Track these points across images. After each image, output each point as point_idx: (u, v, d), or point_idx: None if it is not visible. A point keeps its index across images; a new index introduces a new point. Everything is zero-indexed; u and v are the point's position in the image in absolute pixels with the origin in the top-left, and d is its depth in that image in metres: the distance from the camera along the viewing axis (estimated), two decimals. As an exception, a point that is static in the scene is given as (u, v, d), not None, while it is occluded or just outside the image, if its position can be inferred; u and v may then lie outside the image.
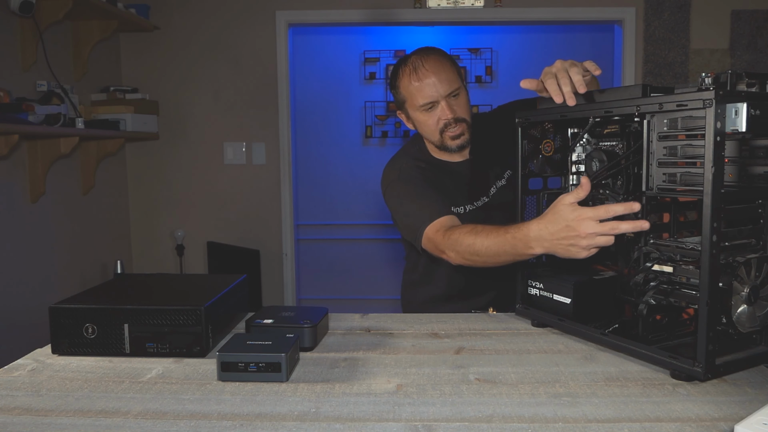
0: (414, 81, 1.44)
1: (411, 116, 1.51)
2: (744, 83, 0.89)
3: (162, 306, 1.03)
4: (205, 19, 3.49)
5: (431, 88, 1.43)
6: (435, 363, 1.00)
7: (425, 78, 1.43)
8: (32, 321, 2.52)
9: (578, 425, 0.76)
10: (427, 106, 1.45)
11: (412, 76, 1.45)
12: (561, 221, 1.01)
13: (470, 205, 1.53)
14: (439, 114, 1.45)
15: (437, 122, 1.46)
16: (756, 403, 0.82)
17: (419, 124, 1.50)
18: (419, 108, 1.46)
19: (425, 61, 1.45)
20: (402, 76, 1.48)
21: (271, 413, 0.81)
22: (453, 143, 1.48)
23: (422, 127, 1.50)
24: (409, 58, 1.48)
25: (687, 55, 3.39)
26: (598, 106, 1.04)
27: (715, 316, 0.86)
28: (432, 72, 1.43)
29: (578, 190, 1.00)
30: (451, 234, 1.27)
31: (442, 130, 1.47)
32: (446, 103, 1.44)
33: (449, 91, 1.44)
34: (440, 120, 1.45)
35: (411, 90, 1.45)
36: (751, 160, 0.98)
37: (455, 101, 1.46)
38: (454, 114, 1.45)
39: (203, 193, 3.60)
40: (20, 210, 2.63)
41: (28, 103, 2.45)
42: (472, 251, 1.21)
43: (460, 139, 1.48)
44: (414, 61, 1.46)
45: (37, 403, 0.85)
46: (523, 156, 1.20)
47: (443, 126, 1.46)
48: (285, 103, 3.52)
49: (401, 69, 1.49)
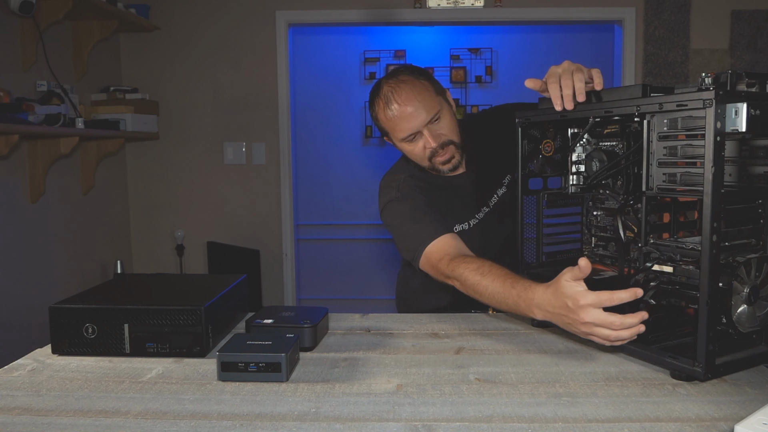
0: (390, 115, 1.36)
1: (396, 145, 1.45)
2: (744, 83, 0.89)
3: (162, 306, 1.03)
4: (205, 19, 3.49)
5: (409, 120, 1.35)
6: (435, 363, 1.00)
7: (401, 111, 1.35)
8: (32, 321, 2.52)
9: (578, 425, 0.76)
10: (409, 138, 1.38)
11: (386, 110, 1.37)
12: (562, 298, 0.95)
13: (473, 219, 1.49)
14: (423, 143, 1.38)
15: (423, 150, 1.39)
16: (756, 403, 0.82)
17: (406, 152, 1.44)
18: (402, 140, 1.39)
19: (397, 93, 1.35)
20: (377, 109, 1.40)
21: (271, 413, 0.81)
22: (444, 167, 1.42)
23: (410, 155, 1.44)
24: (380, 89, 1.39)
25: (687, 55, 3.39)
26: (598, 106, 1.04)
27: (715, 316, 0.86)
28: (407, 102, 1.35)
29: (577, 270, 0.93)
30: (457, 267, 1.21)
31: (431, 157, 1.40)
32: (428, 132, 1.36)
33: (429, 118, 1.35)
34: (426, 149, 1.39)
35: (389, 124, 1.38)
36: (751, 160, 0.98)
37: (438, 126, 1.38)
38: (439, 141, 1.37)
39: (203, 193, 3.60)
40: (20, 210, 2.63)
41: (28, 103, 2.45)
42: (475, 291, 1.17)
43: (450, 163, 1.42)
44: (386, 93, 1.37)
45: (37, 403, 0.85)
46: (523, 156, 1.20)
47: (430, 154, 1.39)
48: (285, 103, 3.52)
49: (376, 101, 1.40)
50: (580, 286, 0.93)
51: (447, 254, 1.25)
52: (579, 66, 1.11)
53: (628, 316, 0.90)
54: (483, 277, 1.15)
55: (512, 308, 1.10)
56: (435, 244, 1.28)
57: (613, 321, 0.90)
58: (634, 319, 0.89)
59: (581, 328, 0.94)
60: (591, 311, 0.91)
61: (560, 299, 0.96)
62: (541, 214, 1.24)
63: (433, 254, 1.28)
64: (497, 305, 1.14)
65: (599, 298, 0.90)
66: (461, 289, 1.22)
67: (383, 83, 1.40)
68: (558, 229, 1.27)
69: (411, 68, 1.43)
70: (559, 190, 1.23)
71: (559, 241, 1.26)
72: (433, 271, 1.29)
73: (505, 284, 1.10)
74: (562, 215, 1.26)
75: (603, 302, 0.90)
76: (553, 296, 0.97)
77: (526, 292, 1.04)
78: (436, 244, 1.28)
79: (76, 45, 3.05)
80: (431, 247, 1.29)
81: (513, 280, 1.10)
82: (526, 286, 1.05)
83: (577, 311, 0.92)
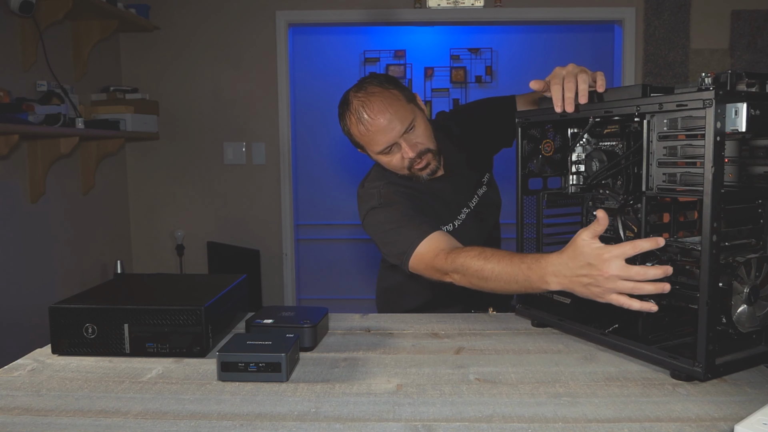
0: (363, 130, 1.34)
1: (372, 157, 1.43)
2: (744, 83, 0.89)
3: (162, 306, 1.03)
4: (205, 19, 3.48)
5: (384, 133, 1.32)
6: (435, 363, 1.00)
7: (374, 124, 1.32)
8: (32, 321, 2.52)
9: (578, 425, 0.76)
10: (385, 151, 1.35)
11: (359, 126, 1.34)
12: (582, 258, 0.93)
13: (456, 220, 1.49)
14: (401, 154, 1.36)
15: (402, 161, 1.37)
16: (756, 403, 0.82)
17: (384, 164, 1.41)
18: (378, 153, 1.37)
19: (368, 106, 1.32)
20: (349, 122, 1.37)
21: (271, 413, 0.81)
22: (424, 173, 1.40)
23: (388, 166, 1.41)
24: (350, 103, 1.36)
25: (687, 55, 3.39)
26: (598, 106, 1.04)
27: (715, 316, 0.86)
28: (379, 115, 1.31)
29: (595, 225, 0.92)
30: (457, 257, 1.17)
31: (410, 166, 1.38)
32: (405, 142, 1.34)
33: (404, 128, 1.32)
34: (404, 159, 1.36)
35: (364, 139, 1.36)
36: (751, 160, 0.98)
37: (414, 135, 1.35)
38: (416, 150, 1.35)
39: (203, 193, 3.60)
40: (20, 210, 2.63)
41: (28, 103, 2.45)
42: (480, 276, 1.12)
43: (428, 169, 1.39)
44: (356, 108, 1.34)
45: (37, 403, 0.85)
46: (523, 156, 1.20)
47: (409, 164, 1.37)
48: (285, 103, 3.52)
49: (347, 116, 1.37)
50: (599, 243, 0.92)
51: (442, 250, 1.21)
52: (583, 69, 1.11)
53: (651, 268, 0.88)
54: (486, 261, 1.11)
55: (522, 285, 1.05)
56: (425, 244, 1.25)
57: (638, 271, 0.88)
58: (658, 270, 0.87)
59: (606, 284, 0.91)
60: (615, 263, 0.89)
61: (579, 260, 0.93)
62: (541, 214, 1.24)
63: (425, 253, 1.24)
64: (506, 286, 1.09)
65: (622, 249, 0.89)
66: (462, 282, 1.17)
67: (351, 97, 1.36)
68: (558, 229, 1.27)
69: (379, 77, 1.39)
70: (559, 190, 1.23)
71: (559, 241, 1.26)
72: (427, 270, 1.25)
73: (513, 261, 1.07)
74: (562, 215, 1.26)
75: (626, 252, 0.89)
76: (570, 259, 0.95)
77: (537, 263, 1.01)
78: (427, 243, 1.25)
79: (76, 45, 3.05)
80: (422, 247, 1.25)
81: (520, 257, 1.07)
82: (536, 258, 1.03)
83: (601, 266, 0.90)
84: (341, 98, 1.41)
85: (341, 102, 1.40)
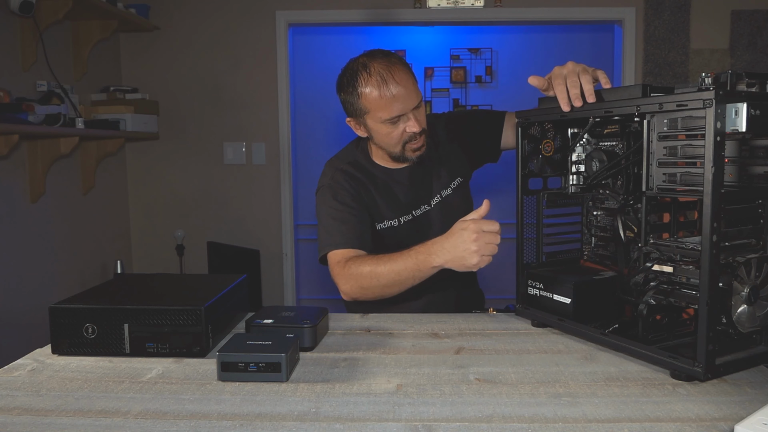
0: (385, 93, 1.35)
1: (369, 126, 1.43)
2: (744, 83, 0.89)
3: (162, 306, 1.03)
4: (205, 19, 3.49)
5: (401, 102, 1.35)
6: (435, 363, 1.00)
7: (398, 91, 1.35)
8: (32, 321, 2.52)
9: (578, 425, 0.76)
10: (393, 120, 1.37)
11: (381, 87, 1.35)
12: (456, 230, 1.17)
13: (408, 215, 1.50)
14: (405, 127, 1.38)
15: (401, 134, 1.40)
16: (756, 403, 0.82)
17: (379, 135, 1.42)
18: (384, 121, 1.38)
19: (394, 72, 1.35)
20: (366, 84, 1.37)
21: (271, 413, 0.81)
22: (414, 155, 1.44)
23: (383, 138, 1.42)
24: (371, 65, 1.37)
25: (687, 55, 3.39)
26: (598, 106, 1.04)
27: (715, 316, 0.86)
28: (402, 84, 1.35)
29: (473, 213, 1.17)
30: (351, 265, 1.32)
31: (406, 142, 1.41)
32: (413, 116, 1.38)
33: (416, 103, 1.38)
34: (405, 133, 1.39)
35: (379, 102, 1.36)
36: (751, 160, 0.98)
37: (419, 113, 1.40)
38: (421, 126, 1.39)
39: (203, 193, 3.60)
40: (20, 210, 2.63)
41: (28, 103, 2.45)
42: (372, 275, 1.28)
43: (420, 151, 1.44)
44: (381, 71, 1.36)
45: (37, 403, 0.85)
46: (523, 156, 1.20)
47: (408, 138, 1.40)
48: (285, 103, 3.52)
49: (363, 76, 1.37)
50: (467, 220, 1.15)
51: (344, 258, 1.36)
52: (584, 66, 1.12)
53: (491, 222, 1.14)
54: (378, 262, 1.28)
55: (411, 268, 1.24)
56: (339, 253, 1.38)
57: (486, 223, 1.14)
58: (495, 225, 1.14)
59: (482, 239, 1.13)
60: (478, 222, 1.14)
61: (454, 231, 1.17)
62: (541, 214, 1.24)
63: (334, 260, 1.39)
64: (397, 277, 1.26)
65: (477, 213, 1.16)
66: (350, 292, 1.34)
67: (369, 62, 1.38)
68: (558, 229, 1.27)
69: (394, 53, 1.43)
70: (559, 190, 1.23)
71: (559, 241, 1.26)
72: (332, 273, 1.39)
73: (402, 254, 1.25)
74: (562, 215, 1.26)
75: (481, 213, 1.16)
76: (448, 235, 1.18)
77: (423, 245, 1.22)
78: (341, 253, 1.38)
79: (76, 45, 3.05)
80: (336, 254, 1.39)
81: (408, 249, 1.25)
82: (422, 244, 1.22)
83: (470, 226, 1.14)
84: (348, 64, 1.44)
85: (351, 66, 1.42)
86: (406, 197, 1.51)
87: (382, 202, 1.49)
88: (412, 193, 1.51)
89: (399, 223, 1.50)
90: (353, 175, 1.48)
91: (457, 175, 1.55)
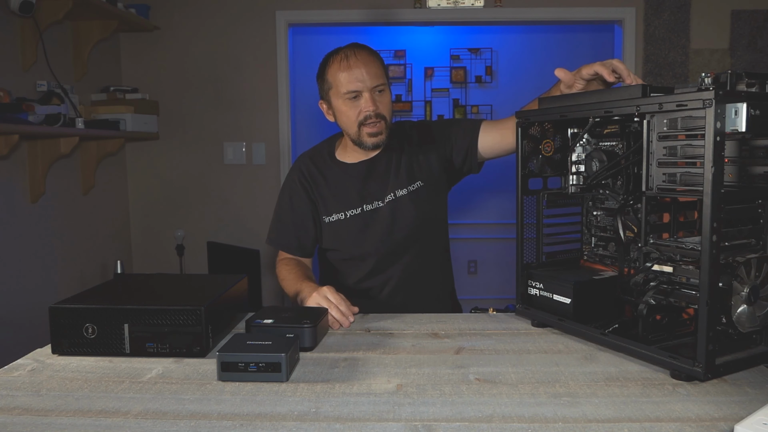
0: (343, 69, 1.46)
1: (333, 105, 1.51)
2: (744, 83, 0.89)
3: (162, 306, 1.03)
4: (205, 19, 3.48)
5: (358, 77, 1.45)
6: (435, 363, 1.00)
7: (354, 67, 1.45)
8: (32, 321, 2.52)
9: (578, 425, 0.76)
10: (351, 95, 1.46)
11: (342, 63, 1.46)
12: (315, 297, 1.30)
13: (356, 209, 1.53)
14: (361, 105, 1.46)
15: (358, 114, 1.47)
16: (756, 403, 0.82)
17: (340, 114, 1.50)
18: (343, 96, 1.47)
19: (357, 53, 1.48)
20: (331, 63, 1.49)
21: (271, 413, 0.81)
22: (370, 140, 1.49)
23: (342, 117, 1.50)
24: (340, 49, 1.51)
25: (687, 55, 3.39)
26: (598, 106, 1.04)
27: (715, 316, 0.86)
28: (362, 63, 1.46)
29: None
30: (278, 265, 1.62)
31: (362, 123, 1.47)
32: (370, 96, 1.46)
33: (375, 84, 1.46)
34: (362, 112, 1.46)
35: (338, 78, 1.46)
36: (751, 160, 0.98)
37: (379, 97, 1.48)
38: (376, 108, 1.46)
39: (203, 193, 3.60)
40: (20, 210, 2.63)
41: (28, 103, 2.45)
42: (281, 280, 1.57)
43: (377, 138, 1.49)
44: (345, 51, 1.49)
45: (37, 403, 0.85)
46: (523, 156, 1.20)
47: (363, 119, 1.46)
48: (285, 103, 3.52)
49: (331, 57, 1.51)
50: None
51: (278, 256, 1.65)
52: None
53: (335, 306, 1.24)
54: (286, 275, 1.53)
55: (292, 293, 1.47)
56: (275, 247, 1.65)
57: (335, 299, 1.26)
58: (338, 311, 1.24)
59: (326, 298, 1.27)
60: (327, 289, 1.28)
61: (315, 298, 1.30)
62: (541, 214, 1.24)
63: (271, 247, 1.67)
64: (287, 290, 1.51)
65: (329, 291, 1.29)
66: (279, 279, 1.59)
67: (344, 47, 1.51)
68: (558, 229, 1.27)
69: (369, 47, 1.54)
70: (559, 190, 1.23)
71: (559, 241, 1.26)
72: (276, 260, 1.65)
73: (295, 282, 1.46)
74: (562, 215, 1.26)
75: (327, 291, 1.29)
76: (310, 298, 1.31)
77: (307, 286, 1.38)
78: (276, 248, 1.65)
79: (76, 45, 3.05)
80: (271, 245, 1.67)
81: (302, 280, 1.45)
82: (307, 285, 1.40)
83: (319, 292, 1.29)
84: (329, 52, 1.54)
85: (329, 53, 1.53)
86: (358, 192, 1.54)
87: (331, 196, 1.55)
88: (365, 188, 1.55)
89: (345, 217, 1.54)
90: (309, 170, 1.60)
91: (417, 179, 1.55)
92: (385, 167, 1.55)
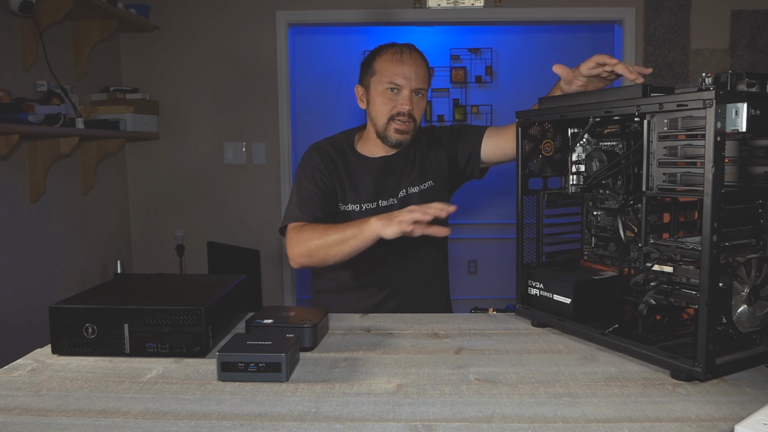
0: (395, 62, 1.49)
1: (370, 92, 1.53)
2: (744, 83, 0.89)
3: (162, 306, 1.03)
4: (205, 19, 3.49)
5: (405, 74, 1.48)
6: (435, 363, 1.00)
7: (405, 63, 1.48)
8: (32, 321, 2.52)
9: (578, 425, 0.76)
10: (392, 86, 1.48)
11: (395, 56, 1.50)
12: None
13: (371, 203, 1.53)
14: (398, 101, 1.48)
15: (392, 108, 1.49)
16: (756, 403, 0.82)
17: (374, 102, 1.52)
18: (384, 84, 1.49)
19: (411, 52, 1.51)
20: (384, 53, 1.52)
21: (271, 413, 0.81)
22: (395, 137, 1.51)
23: (376, 106, 1.52)
24: (396, 44, 1.54)
25: (687, 55, 3.39)
26: (598, 106, 1.04)
27: (715, 316, 0.86)
28: (413, 63, 1.49)
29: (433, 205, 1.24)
30: (305, 227, 1.41)
31: (392, 117, 1.49)
32: (409, 95, 1.48)
33: (417, 87, 1.49)
34: (396, 107, 1.49)
35: (386, 67, 1.49)
36: (751, 160, 0.98)
37: (417, 99, 1.51)
38: (411, 108, 1.49)
39: (203, 193, 3.60)
40: (20, 210, 2.63)
41: (28, 103, 2.45)
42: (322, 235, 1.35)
43: (402, 136, 1.51)
44: (401, 47, 1.52)
45: (37, 403, 0.85)
46: (523, 156, 1.20)
47: (396, 113, 1.49)
48: (285, 103, 3.52)
49: (386, 48, 1.53)
50: None
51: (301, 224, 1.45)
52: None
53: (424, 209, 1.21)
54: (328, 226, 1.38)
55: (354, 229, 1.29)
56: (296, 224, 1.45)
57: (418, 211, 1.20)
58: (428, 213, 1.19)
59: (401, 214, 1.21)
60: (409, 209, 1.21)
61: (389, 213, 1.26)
62: (541, 214, 1.24)
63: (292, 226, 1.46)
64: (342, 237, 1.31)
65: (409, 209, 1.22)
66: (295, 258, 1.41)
67: (398, 43, 1.54)
68: (558, 229, 1.27)
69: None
70: (559, 190, 1.23)
71: (559, 241, 1.26)
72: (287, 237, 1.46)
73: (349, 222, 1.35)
74: (562, 215, 1.26)
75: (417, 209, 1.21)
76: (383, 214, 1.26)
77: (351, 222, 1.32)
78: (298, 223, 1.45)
79: (76, 45, 3.05)
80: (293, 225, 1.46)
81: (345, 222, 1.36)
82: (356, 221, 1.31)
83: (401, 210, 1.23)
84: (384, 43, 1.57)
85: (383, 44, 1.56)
86: (374, 186, 1.55)
87: (349, 186, 1.55)
88: (381, 183, 1.56)
89: (361, 209, 1.54)
90: (329, 153, 1.57)
91: (429, 178, 1.59)
92: (401, 166, 1.58)
